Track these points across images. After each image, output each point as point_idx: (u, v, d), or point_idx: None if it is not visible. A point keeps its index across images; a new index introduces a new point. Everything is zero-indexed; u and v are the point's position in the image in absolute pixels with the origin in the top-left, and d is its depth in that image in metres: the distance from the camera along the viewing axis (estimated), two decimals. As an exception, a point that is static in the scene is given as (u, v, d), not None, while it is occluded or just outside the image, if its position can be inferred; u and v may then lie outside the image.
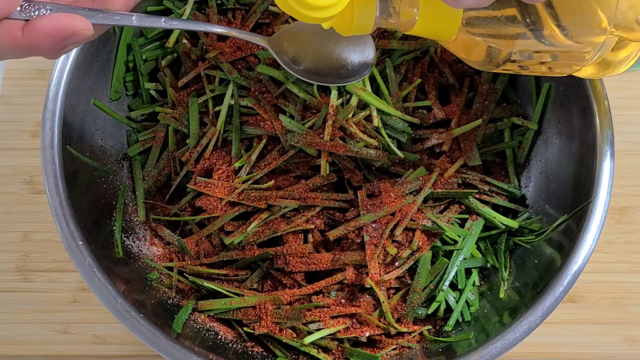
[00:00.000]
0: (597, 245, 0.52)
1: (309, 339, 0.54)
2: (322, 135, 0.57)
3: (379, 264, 0.56)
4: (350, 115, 0.57)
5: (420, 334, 0.56)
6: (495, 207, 0.61)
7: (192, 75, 0.61)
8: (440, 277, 0.57)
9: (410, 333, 0.56)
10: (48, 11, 0.40)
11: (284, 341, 0.54)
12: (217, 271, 0.57)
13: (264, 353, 0.55)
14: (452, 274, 0.57)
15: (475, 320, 0.57)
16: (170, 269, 0.58)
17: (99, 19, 0.42)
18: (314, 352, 0.54)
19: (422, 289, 0.56)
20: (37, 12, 0.40)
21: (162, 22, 0.46)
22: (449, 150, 0.61)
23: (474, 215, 0.60)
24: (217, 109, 0.60)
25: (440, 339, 0.55)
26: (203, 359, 0.50)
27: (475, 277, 0.59)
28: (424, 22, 0.46)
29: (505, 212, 0.61)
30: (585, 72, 0.46)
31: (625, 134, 0.69)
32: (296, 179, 0.59)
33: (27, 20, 0.39)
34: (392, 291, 0.57)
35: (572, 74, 0.47)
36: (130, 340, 0.64)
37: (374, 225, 0.56)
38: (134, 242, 0.59)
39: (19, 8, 0.39)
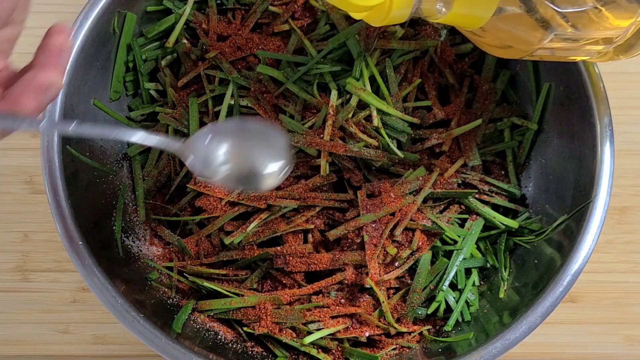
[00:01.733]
0: (597, 245, 0.52)
1: (308, 339, 0.54)
2: (322, 135, 0.57)
3: (378, 264, 0.56)
4: (350, 115, 0.57)
5: (420, 334, 0.56)
6: (495, 207, 0.61)
7: (192, 75, 0.61)
8: (440, 277, 0.57)
9: (410, 333, 0.56)
10: None
11: (283, 341, 0.54)
12: (217, 271, 0.57)
13: (264, 353, 0.55)
14: (452, 274, 0.57)
15: (475, 320, 0.57)
16: (170, 269, 0.58)
17: (6, 124, 0.38)
18: (313, 352, 0.54)
19: (422, 289, 0.56)
20: None
21: (69, 129, 0.41)
22: (449, 150, 0.61)
23: (474, 215, 0.60)
24: (217, 109, 0.60)
25: (440, 339, 0.55)
26: (203, 359, 0.50)
27: (475, 277, 0.59)
28: (460, 6, 0.45)
29: (505, 212, 0.61)
30: (610, 55, 0.47)
31: (625, 134, 0.68)
32: (296, 179, 0.59)
33: None
34: (392, 291, 0.57)
35: (597, 57, 0.47)
36: (130, 340, 0.64)
37: (373, 225, 0.56)
38: (134, 242, 0.59)
39: None
